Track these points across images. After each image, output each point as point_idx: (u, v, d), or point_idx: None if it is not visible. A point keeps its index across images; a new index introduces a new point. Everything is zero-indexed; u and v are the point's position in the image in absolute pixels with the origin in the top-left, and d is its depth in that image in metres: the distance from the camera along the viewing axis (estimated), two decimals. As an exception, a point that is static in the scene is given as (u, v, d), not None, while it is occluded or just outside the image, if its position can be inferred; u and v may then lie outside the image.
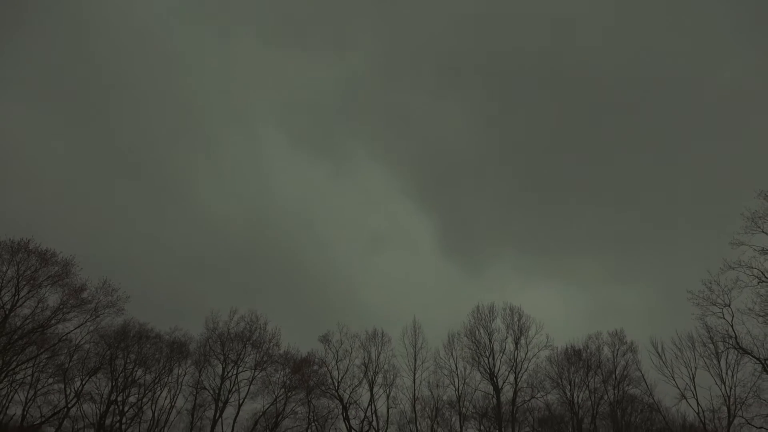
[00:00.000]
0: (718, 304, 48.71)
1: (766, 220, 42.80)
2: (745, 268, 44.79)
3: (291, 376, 63.34)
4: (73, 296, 52.57)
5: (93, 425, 58.32)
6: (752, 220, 43.32)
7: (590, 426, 59.76)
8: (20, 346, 49.96)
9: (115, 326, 58.35)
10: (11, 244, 49.96)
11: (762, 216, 42.90)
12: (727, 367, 54.36)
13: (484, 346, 64.99)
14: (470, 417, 63.18)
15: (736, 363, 53.76)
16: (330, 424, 65.20)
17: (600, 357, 62.86)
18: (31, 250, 50.50)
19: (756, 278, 44.47)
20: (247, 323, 64.00)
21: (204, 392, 61.79)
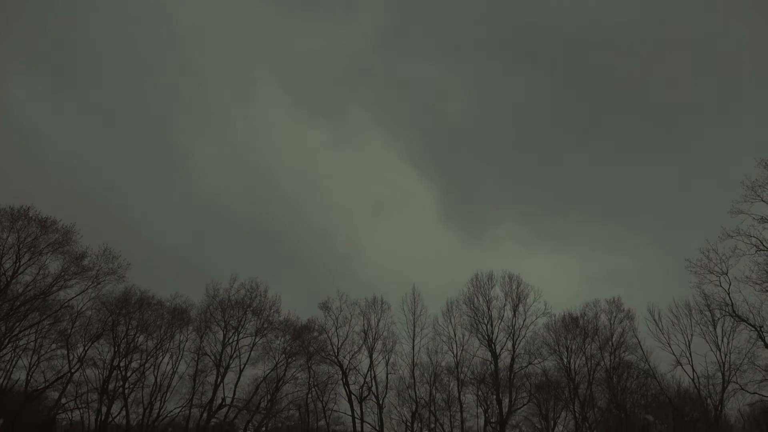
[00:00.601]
0: (715, 272, 49.11)
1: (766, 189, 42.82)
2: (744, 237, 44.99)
3: (291, 342, 64.06)
4: (74, 263, 52.90)
5: (96, 390, 59.14)
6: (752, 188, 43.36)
7: (586, 392, 60.62)
8: (23, 313, 50.43)
9: (117, 293, 58.83)
10: (11, 211, 50.01)
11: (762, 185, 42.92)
12: (723, 334, 55.10)
13: (482, 313, 65.65)
14: (468, 383, 64.11)
15: (731, 330, 54.49)
16: (330, 389, 66.20)
17: (597, 324, 63.53)
18: (31, 217, 50.57)
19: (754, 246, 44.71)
20: (247, 290, 64.47)
21: (205, 358, 62.53)
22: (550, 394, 61.63)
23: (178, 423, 63.54)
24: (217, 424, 61.51)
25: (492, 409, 62.65)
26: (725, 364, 54.29)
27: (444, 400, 63.95)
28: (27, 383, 55.48)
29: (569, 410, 61.35)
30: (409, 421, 64.81)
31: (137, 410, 60.77)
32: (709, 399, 55.24)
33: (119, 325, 59.35)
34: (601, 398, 60.95)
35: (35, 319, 52.20)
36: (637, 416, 58.61)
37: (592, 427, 60.96)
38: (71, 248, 52.70)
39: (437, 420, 63.84)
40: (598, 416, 60.57)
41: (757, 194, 43.01)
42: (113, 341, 59.35)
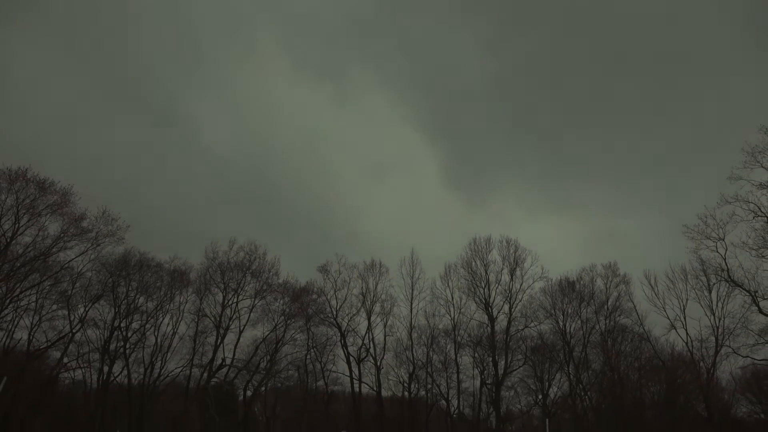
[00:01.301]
0: (712, 238, 49.40)
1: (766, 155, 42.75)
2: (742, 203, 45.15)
3: (290, 304, 64.61)
4: (73, 225, 52.88)
5: (98, 350, 59.90)
6: (752, 154, 43.33)
7: (581, 354, 61.49)
8: (23, 274, 50.65)
9: (116, 255, 59.01)
10: (9, 172, 49.71)
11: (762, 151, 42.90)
12: (718, 299, 55.66)
13: (480, 277, 66.12)
14: (465, 345, 64.97)
15: (726, 295, 55.03)
16: (328, 350, 67.13)
17: (593, 288, 64.08)
18: (29, 178, 50.31)
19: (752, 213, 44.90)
20: (246, 253, 64.71)
21: (205, 319, 63.13)
22: (546, 356, 62.50)
23: (178, 382, 64.51)
24: (218, 383, 62.50)
25: (488, 370, 63.68)
26: (719, 328, 54.99)
27: (441, 361, 64.92)
28: (29, 343, 56.12)
29: (564, 372, 62.33)
30: (407, 382, 65.96)
31: (138, 370, 61.73)
32: (702, 362, 56.11)
33: (119, 286, 59.77)
34: (596, 361, 61.88)
35: (36, 280, 52.46)
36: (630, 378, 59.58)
37: (586, 389, 62.01)
38: (70, 210, 52.59)
39: (434, 381, 64.95)
40: (592, 378, 61.55)
41: (756, 160, 43.02)
42: (114, 302, 59.85)
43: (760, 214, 44.09)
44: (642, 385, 59.96)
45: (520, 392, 66.09)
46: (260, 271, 64.52)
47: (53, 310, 56.96)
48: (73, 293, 57.08)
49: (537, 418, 62.69)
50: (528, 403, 66.20)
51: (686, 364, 57.26)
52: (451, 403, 65.24)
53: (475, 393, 64.81)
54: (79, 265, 56.27)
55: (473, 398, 65.07)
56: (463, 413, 65.52)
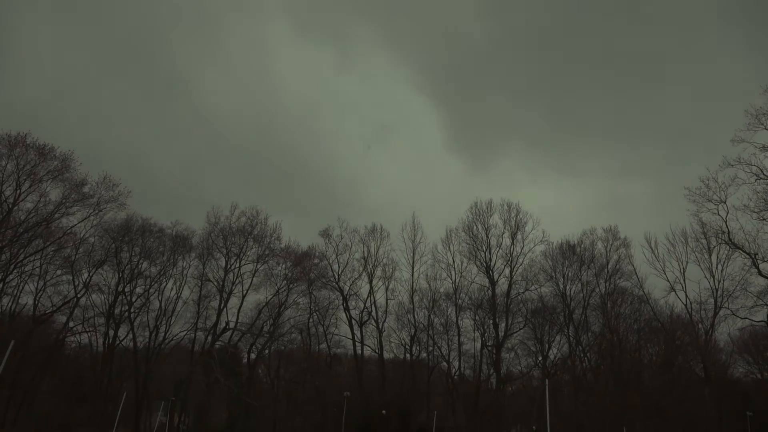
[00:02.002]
0: (714, 200, 49.34)
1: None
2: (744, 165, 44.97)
3: (292, 269, 65.04)
4: (75, 191, 52.97)
5: (103, 314, 60.61)
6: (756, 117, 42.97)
7: (581, 317, 62.07)
8: (26, 239, 50.95)
9: (119, 220, 59.27)
10: (8, 138, 49.62)
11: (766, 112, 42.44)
12: (718, 261, 55.93)
13: (481, 241, 66.40)
14: (466, 308, 65.60)
15: (726, 258, 55.25)
16: (331, 314, 67.83)
17: (593, 252, 64.35)
18: (29, 144, 50.25)
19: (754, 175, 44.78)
20: (247, 218, 64.86)
21: (208, 284, 63.67)
22: (546, 319, 63.10)
23: (183, 346, 65.37)
24: (222, 346, 63.30)
25: (489, 333, 64.39)
26: (718, 290, 55.38)
27: (442, 324, 65.63)
28: (35, 308, 56.83)
29: (564, 334, 63.01)
30: (408, 345, 66.80)
31: (143, 334, 62.54)
32: (701, 324, 56.64)
33: (122, 251, 60.15)
34: (595, 323, 62.51)
35: (39, 246, 52.81)
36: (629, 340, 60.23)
37: (585, 351, 62.81)
38: (71, 176, 52.63)
39: (435, 343, 65.71)
40: (591, 340, 62.28)
41: (760, 122, 42.68)
42: (117, 267, 60.31)
43: (763, 177, 43.97)
44: (641, 346, 60.69)
45: (520, 354, 66.93)
46: (262, 235, 64.85)
47: (57, 275, 57.52)
48: (77, 259, 57.55)
49: (537, 379, 63.54)
50: (528, 365, 67.11)
51: (685, 325, 57.79)
52: (452, 365, 66.30)
53: (476, 355, 65.70)
54: (81, 231, 56.68)
55: (474, 360, 65.97)
56: (464, 374, 66.53)
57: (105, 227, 58.23)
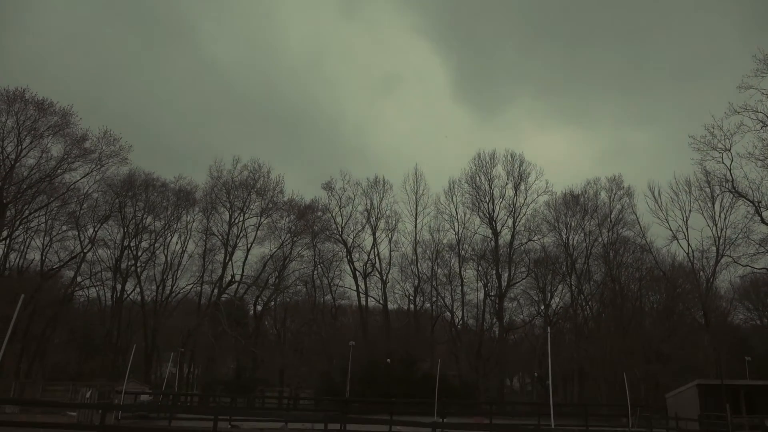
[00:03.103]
0: (718, 148, 48.96)
1: (779, 62, 41.69)
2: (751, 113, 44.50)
3: (296, 222, 65.36)
4: (76, 146, 52.98)
5: (110, 269, 61.36)
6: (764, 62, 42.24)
7: (583, 266, 62.52)
8: (30, 195, 51.20)
9: (121, 175, 59.38)
10: (7, 93, 49.32)
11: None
12: (721, 209, 55.84)
13: (484, 192, 66.34)
14: (469, 259, 66.08)
15: (730, 206, 55.17)
16: (335, 266, 68.48)
17: (597, 202, 64.29)
18: (27, 99, 49.95)
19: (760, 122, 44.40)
20: (250, 172, 64.86)
21: (213, 238, 64.20)
22: (548, 268, 63.56)
23: (190, 299, 66.41)
24: (228, 299, 64.28)
25: (491, 283, 65.01)
26: (720, 238, 55.54)
27: (445, 275, 66.18)
28: (42, 263, 57.52)
29: (566, 284, 63.59)
30: (412, 296, 67.65)
31: (150, 287, 63.52)
32: (702, 272, 57.08)
33: (126, 206, 60.47)
34: (597, 272, 62.95)
35: (43, 202, 53.10)
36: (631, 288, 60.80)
37: (587, 300, 63.52)
38: (71, 131, 52.58)
39: (439, 294, 66.49)
40: (593, 289, 62.88)
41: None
42: (122, 222, 60.75)
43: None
44: (642, 295, 61.28)
45: (522, 303, 67.73)
46: (265, 189, 64.98)
47: (63, 231, 58.04)
48: (82, 214, 57.93)
49: (539, 328, 64.42)
50: (530, 314, 68.01)
51: (686, 274, 58.23)
52: (455, 315, 67.19)
53: (479, 305, 66.50)
54: (85, 187, 56.93)
55: (477, 310, 66.81)
56: (467, 324, 67.50)
57: (108, 182, 58.46)
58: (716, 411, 29.91)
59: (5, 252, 54.53)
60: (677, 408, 33.85)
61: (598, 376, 54.58)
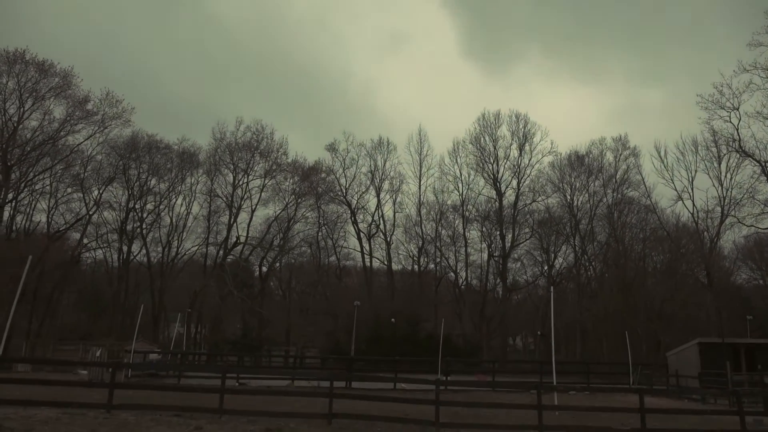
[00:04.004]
0: (726, 107, 48.47)
1: (791, 18, 40.89)
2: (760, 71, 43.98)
3: (300, 183, 65.36)
4: (78, 108, 52.77)
5: (116, 231, 61.75)
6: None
7: (587, 227, 62.60)
8: (34, 158, 51.24)
9: (124, 138, 59.24)
10: (7, 54, 48.92)
11: (786, 13, 40.91)
12: (727, 169, 55.51)
13: (488, 153, 66.05)
14: (473, 220, 66.25)
15: (736, 166, 54.84)
16: (339, 227, 68.83)
17: (602, 162, 64.01)
18: (28, 60, 49.57)
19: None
20: (253, 133, 64.61)
21: (217, 199, 64.38)
22: (552, 229, 63.69)
23: (196, 260, 66.94)
24: (234, 260, 64.77)
25: (495, 244, 65.31)
26: (725, 198, 55.37)
27: (449, 236, 66.46)
28: (48, 225, 57.89)
29: (569, 244, 63.84)
30: (416, 256, 68.11)
31: (156, 249, 63.96)
32: (706, 232, 57.06)
33: (130, 168, 60.46)
34: (601, 233, 63.06)
35: (48, 164, 53.17)
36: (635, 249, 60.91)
37: (590, 260, 63.79)
38: (73, 92, 52.34)
39: (442, 255, 66.91)
40: (597, 249, 63.09)
41: (779, 24, 41.20)
42: (126, 184, 60.84)
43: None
44: (645, 255, 61.42)
45: (526, 264, 68.16)
46: (268, 150, 64.83)
47: (68, 193, 58.21)
48: (86, 176, 58.03)
49: (542, 288, 64.95)
50: (534, 274, 68.49)
51: (690, 234, 58.25)
52: (459, 275, 67.69)
53: (483, 265, 66.96)
54: (88, 149, 56.91)
55: (481, 270, 67.29)
56: (471, 284, 68.05)
57: (111, 144, 58.38)
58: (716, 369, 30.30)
59: (12, 214, 54.87)
60: (678, 366, 34.29)
61: (601, 335, 55.21)
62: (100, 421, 13.86)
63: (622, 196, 62.20)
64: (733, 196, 54.90)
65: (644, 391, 16.72)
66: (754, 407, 22.15)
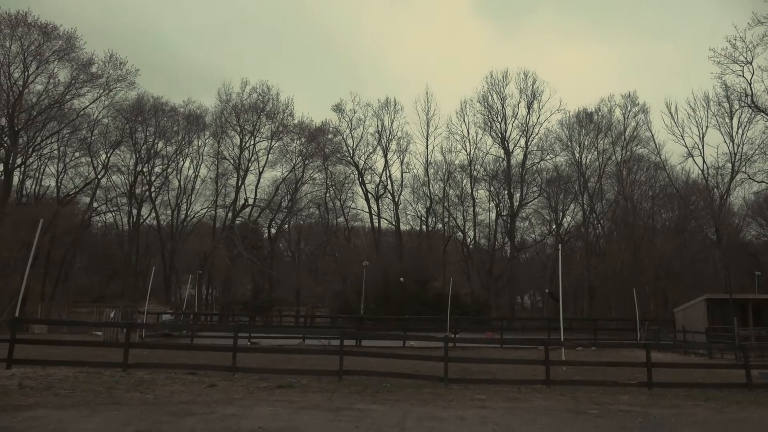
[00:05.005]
0: (739, 61, 47.42)
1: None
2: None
3: (307, 145, 65.14)
4: (83, 71, 52.54)
5: (125, 194, 62.08)
6: (791, -33, 40.24)
7: (596, 185, 62.29)
8: (41, 122, 51.28)
9: (130, 100, 59.03)
10: (9, 17, 48.50)
11: (802, -38, 39.73)
12: (739, 125, 54.76)
13: (496, 111, 65.40)
14: (481, 179, 65.99)
15: (748, 122, 54.08)
16: (347, 188, 68.77)
17: (611, 119, 63.27)
18: (30, 23, 49.16)
19: (784, 33, 42.74)
20: (259, 94, 64.13)
21: (225, 162, 64.36)
22: (561, 188, 63.41)
23: (205, 223, 67.38)
24: (242, 222, 65.12)
25: (503, 203, 65.19)
26: (736, 155, 54.78)
27: (457, 196, 66.34)
28: (58, 189, 58.28)
29: (578, 203, 63.64)
30: (424, 216, 68.25)
31: (166, 212, 64.35)
32: (716, 189, 56.67)
33: (137, 132, 60.38)
34: (610, 191, 62.75)
35: (54, 128, 53.24)
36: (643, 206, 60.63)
37: (599, 218, 63.64)
38: (77, 55, 52.06)
39: (450, 214, 66.95)
40: (605, 207, 62.88)
41: (795, -27, 40.04)
42: (134, 148, 60.87)
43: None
44: (654, 212, 61.19)
45: (534, 223, 68.11)
46: (275, 112, 64.45)
47: (76, 157, 58.42)
48: (93, 140, 58.09)
49: (550, 247, 65.01)
50: (542, 233, 68.49)
51: (700, 191, 57.90)
52: (467, 235, 67.82)
53: (491, 225, 67.02)
54: (94, 112, 56.90)
55: (489, 230, 67.39)
56: (479, 244, 68.22)
57: (117, 108, 58.20)
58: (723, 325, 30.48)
59: (21, 179, 55.24)
60: (685, 322, 34.50)
61: (608, 293, 55.47)
62: (116, 380, 14.21)
63: (632, 153, 61.72)
64: (745, 152, 54.36)
65: (651, 347, 16.89)
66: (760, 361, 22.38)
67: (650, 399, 13.79)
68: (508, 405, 12.36)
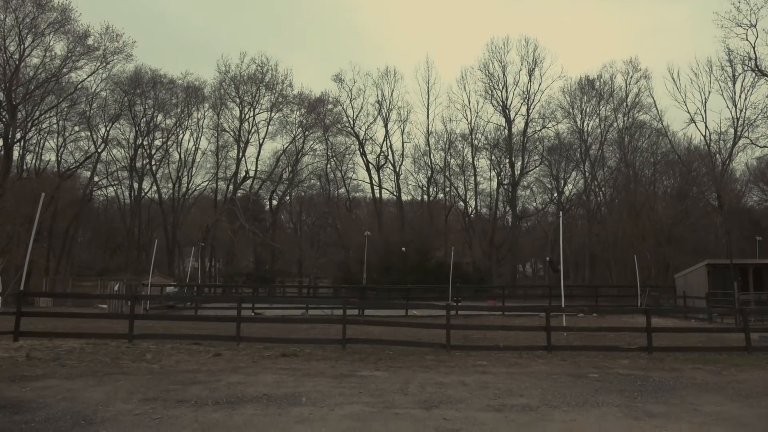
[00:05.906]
0: (743, 24, 46.81)
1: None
2: (781, -16, 42.18)
3: (307, 115, 64.78)
4: (79, 44, 52.05)
5: (126, 168, 62.00)
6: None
7: (597, 152, 62.04)
8: (39, 96, 50.97)
9: (128, 73, 58.63)
10: (2, -11, 47.85)
11: None
12: (742, 90, 54.31)
13: (497, 79, 64.83)
14: (482, 148, 65.75)
15: (751, 86, 53.61)
16: (348, 159, 68.58)
17: (613, 86, 62.71)
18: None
19: (790, -6, 42.12)
20: (258, 65, 63.56)
21: (225, 134, 64.13)
22: (562, 155, 63.21)
23: (207, 195, 67.39)
24: (244, 195, 65.13)
25: (505, 172, 65.07)
26: (739, 120, 54.44)
27: (458, 165, 66.18)
28: (58, 164, 58.25)
29: (579, 170, 63.47)
30: (425, 186, 68.17)
31: (167, 185, 64.32)
32: (718, 155, 56.43)
33: (136, 105, 60.06)
34: (612, 158, 62.53)
35: (53, 102, 52.95)
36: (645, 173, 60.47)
37: (600, 185, 63.55)
38: (73, 27, 51.48)
39: (452, 184, 66.88)
40: (606, 175, 62.74)
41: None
42: (133, 121, 60.60)
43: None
44: (656, 179, 61.07)
45: (535, 191, 68.12)
46: (274, 83, 63.95)
47: (76, 131, 58.24)
48: (92, 114, 57.83)
49: (551, 215, 65.07)
50: (543, 201, 68.52)
51: (702, 156, 57.67)
52: (468, 204, 67.84)
53: (492, 193, 66.97)
54: (92, 86, 56.55)
55: (490, 198, 67.38)
56: (480, 213, 68.31)
57: (115, 80, 57.88)
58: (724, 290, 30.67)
59: (21, 154, 55.13)
60: (686, 288, 34.71)
61: (609, 260, 55.68)
62: (122, 350, 14.39)
63: (633, 120, 61.31)
64: (747, 117, 54.05)
65: (651, 312, 17.03)
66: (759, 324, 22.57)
67: (650, 363, 13.96)
68: (510, 370, 12.53)
